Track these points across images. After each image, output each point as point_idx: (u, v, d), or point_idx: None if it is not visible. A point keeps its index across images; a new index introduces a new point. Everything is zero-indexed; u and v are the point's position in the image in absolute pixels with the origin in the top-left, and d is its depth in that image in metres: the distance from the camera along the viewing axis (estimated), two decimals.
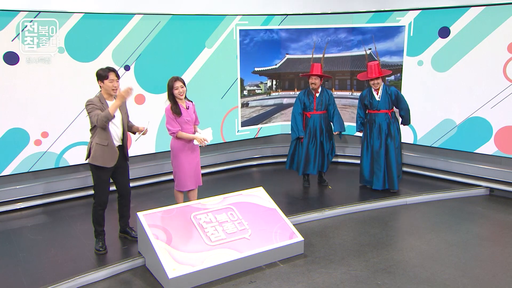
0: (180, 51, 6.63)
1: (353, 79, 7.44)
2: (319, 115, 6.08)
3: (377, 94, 5.86)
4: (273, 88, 7.71)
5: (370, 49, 7.12)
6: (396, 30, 6.86)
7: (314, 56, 7.29)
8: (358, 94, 7.35)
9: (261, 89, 7.49)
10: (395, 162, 5.93)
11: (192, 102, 4.84)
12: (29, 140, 5.71)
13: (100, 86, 4.28)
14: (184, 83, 4.64)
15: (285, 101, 7.78)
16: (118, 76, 4.30)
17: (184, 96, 4.66)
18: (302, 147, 6.14)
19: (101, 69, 4.27)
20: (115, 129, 4.33)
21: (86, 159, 4.40)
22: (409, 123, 6.12)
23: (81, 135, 5.95)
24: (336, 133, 6.09)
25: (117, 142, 4.36)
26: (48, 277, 3.93)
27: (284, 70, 7.66)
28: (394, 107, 6.02)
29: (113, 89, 4.24)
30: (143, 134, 4.56)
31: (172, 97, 4.62)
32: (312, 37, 7.40)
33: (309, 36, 7.43)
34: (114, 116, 4.16)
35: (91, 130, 4.32)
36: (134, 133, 4.65)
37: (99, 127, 4.18)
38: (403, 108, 5.95)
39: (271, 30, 7.36)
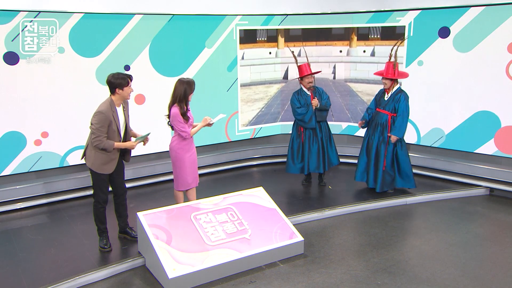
0: (180, 51, 6.62)
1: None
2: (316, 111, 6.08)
3: (387, 94, 5.85)
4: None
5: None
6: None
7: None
8: None
9: None
10: (382, 163, 5.81)
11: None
12: (29, 140, 5.70)
13: (114, 93, 4.19)
14: None
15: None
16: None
17: None
18: (304, 146, 6.14)
19: (119, 77, 4.14)
20: (119, 133, 4.31)
21: (82, 158, 4.38)
22: (398, 133, 5.69)
23: (82, 137, 5.90)
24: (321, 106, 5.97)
25: None
26: (48, 277, 3.94)
27: None
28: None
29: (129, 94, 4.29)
30: (144, 143, 4.45)
31: (186, 101, 4.55)
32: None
33: None
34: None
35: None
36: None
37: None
38: (398, 114, 5.70)
39: None
